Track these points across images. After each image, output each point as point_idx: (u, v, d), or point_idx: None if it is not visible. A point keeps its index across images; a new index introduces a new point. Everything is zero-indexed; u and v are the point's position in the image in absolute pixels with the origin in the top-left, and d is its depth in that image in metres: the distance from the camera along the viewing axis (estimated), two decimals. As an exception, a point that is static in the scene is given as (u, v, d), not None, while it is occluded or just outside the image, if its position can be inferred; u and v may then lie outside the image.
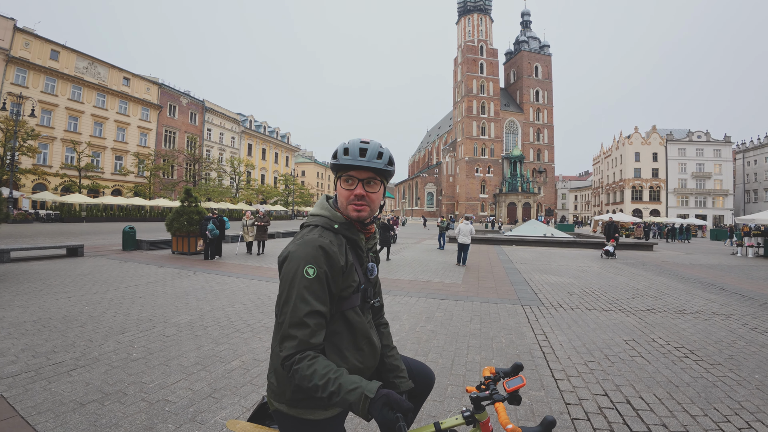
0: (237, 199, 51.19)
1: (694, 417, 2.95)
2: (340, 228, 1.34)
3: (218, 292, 7.05)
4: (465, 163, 73.98)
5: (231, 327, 4.91)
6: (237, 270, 9.72)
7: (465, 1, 79.00)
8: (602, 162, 77.25)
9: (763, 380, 3.68)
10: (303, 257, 1.24)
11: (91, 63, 39.06)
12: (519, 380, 1.50)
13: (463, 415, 1.43)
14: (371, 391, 1.12)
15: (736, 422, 2.89)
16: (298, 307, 1.20)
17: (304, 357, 1.17)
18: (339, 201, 1.38)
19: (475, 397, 1.45)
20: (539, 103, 78.80)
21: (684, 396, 3.31)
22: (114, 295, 6.54)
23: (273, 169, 67.17)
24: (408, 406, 1.12)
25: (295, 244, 1.29)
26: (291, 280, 1.23)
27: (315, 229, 1.33)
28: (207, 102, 52.83)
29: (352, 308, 1.36)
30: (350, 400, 1.11)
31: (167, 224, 12.68)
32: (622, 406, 3.12)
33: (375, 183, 1.36)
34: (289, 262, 1.26)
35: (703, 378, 3.71)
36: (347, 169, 1.34)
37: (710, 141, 63.39)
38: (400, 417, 1.10)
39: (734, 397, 3.31)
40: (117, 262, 10.41)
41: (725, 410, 3.08)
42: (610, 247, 15.23)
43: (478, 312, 6.10)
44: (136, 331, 4.65)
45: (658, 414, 2.98)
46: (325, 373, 1.14)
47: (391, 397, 1.11)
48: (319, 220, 1.36)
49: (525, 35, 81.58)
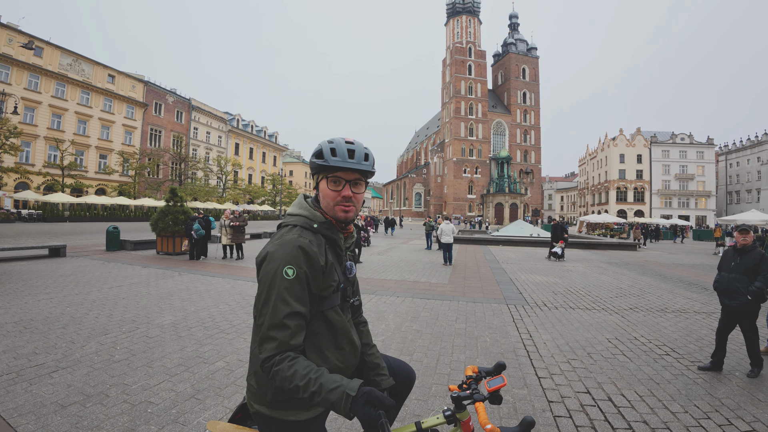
0: (224, 199, 50.58)
1: (674, 414, 3.02)
2: (319, 227, 1.33)
3: (203, 292, 6.98)
4: (453, 163, 74.34)
5: (215, 328, 4.87)
6: (222, 270, 9.62)
7: (454, 3, 79.30)
8: (588, 163, 78.38)
9: (743, 378, 3.78)
10: (282, 258, 1.22)
11: (76, 60, 38.17)
12: (500, 380, 1.51)
13: (444, 415, 1.43)
14: (353, 389, 1.11)
15: (716, 419, 2.96)
16: (278, 308, 1.18)
17: (284, 358, 1.15)
18: (323, 201, 1.36)
19: (456, 397, 1.45)
20: (526, 105, 79.59)
21: (665, 393, 3.37)
22: (96, 296, 6.44)
23: (260, 169, 66.56)
24: (390, 402, 1.12)
25: (274, 245, 1.27)
26: (270, 281, 1.21)
27: (294, 229, 1.30)
28: (194, 100, 52.08)
29: (332, 308, 1.34)
30: (332, 399, 1.10)
31: (152, 224, 12.49)
32: (604, 403, 3.17)
33: (360, 184, 1.37)
34: (268, 263, 1.24)
35: (683, 375, 3.80)
36: (335, 170, 1.32)
37: (693, 143, 64.62)
38: (382, 414, 1.10)
39: (714, 395, 3.39)
40: (100, 263, 10.24)
41: (705, 407, 3.14)
42: (558, 249, 14.49)
43: (463, 311, 6.15)
44: (119, 332, 4.58)
45: (639, 411, 3.04)
46: (305, 374, 1.13)
47: (372, 395, 1.11)
48: (298, 220, 1.34)
49: (513, 37, 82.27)
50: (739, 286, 3.88)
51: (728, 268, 4.07)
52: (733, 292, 3.92)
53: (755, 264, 3.87)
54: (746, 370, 3.93)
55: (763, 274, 3.81)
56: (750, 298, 3.78)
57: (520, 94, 79.32)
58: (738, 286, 3.89)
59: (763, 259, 3.86)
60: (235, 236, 12.19)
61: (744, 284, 3.85)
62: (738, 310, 3.91)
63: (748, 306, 3.83)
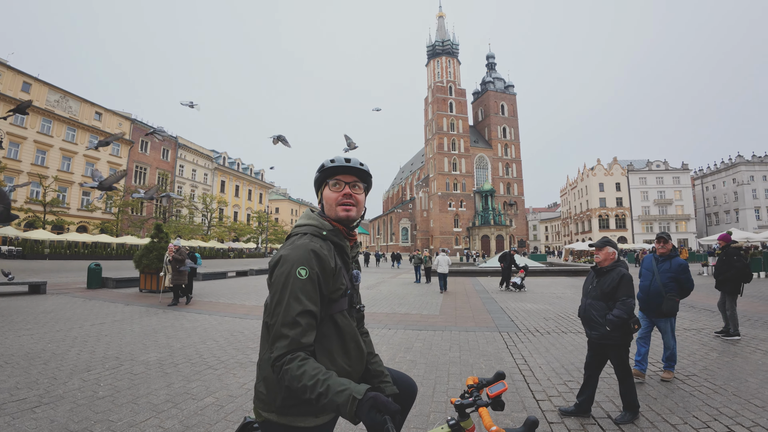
0: (208, 236, 49.94)
1: (674, 426, 3.02)
2: (328, 234, 1.39)
3: (189, 329, 6.77)
4: (438, 198, 75.39)
5: (203, 364, 4.71)
6: (208, 307, 9.39)
7: (434, 45, 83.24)
8: (569, 193, 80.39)
9: (739, 387, 3.81)
10: (295, 259, 1.27)
11: (63, 97, 38.31)
12: (501, 385, 1.52)
13: (448, 424, 1.43)
14: (359, 392, 1.12)
15: (716, 427, 2.98)
16: (291, 306, 1.22)
17: (295, 358, 1.17)
18: (327, 206, 1.45)
19: (459, 405, 1.46)
20: (507, 140, 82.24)
21: (663, 407, 3.38)
22: (78, 333, 6.25)
23: (246, 206, 66.34)
24: (395, 408, 1.12)
25: (287, 249, 1.32)
26: (284, 281, 1.25)
27: (305, 236, 1.36)
28: (180, 138, 52.40)
29: (341, 312, 1.38)
30: (338, 402, 1.11)
31: (136, 261, 12.21)
32: (603, 420, 3.15)
33: (359, 187, 1.47)
34: (281, 264, 1.28)
35: (680, 389, 3.81)
36: (335, 174, 1.43)
37: (669, 169, 67.11)
38: (388, 419, 1.10)
39: (712, 404, 3.41)
40: (81, 300, 9.95)
41: (704, 417, 3.17)
42: (517, 279, 13.81)
43: (457, 340, 6.09)
44: (102, 369, 4.40)
45: (639, 426, 3.03)
46: (314, 374, 1.14)
47: (378, 400, 1.11)
48: (308, 228, 1.39)
49: (491, 76, 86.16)
50: (595, 314, 3.20)
51: (586, 292, 3.42)
52: (591, 321, 3.24)
53: (612, 287, 3.16)
54: (741, 380, 3.95)
55: (621, 299, 3.11)
56: (609, 329, 3.09)
57: (500, 129, 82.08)
58: (594, 314, 3.21)
59: (622, 281, 3.14)
60: (174, 276, 9.95)
61: (601, 312, 3.18)
62: (600, 342, 3.21)
63: (609, 338, 3.13)
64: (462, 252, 66.35)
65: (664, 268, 4.14)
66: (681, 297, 4.09)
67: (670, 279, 4.05)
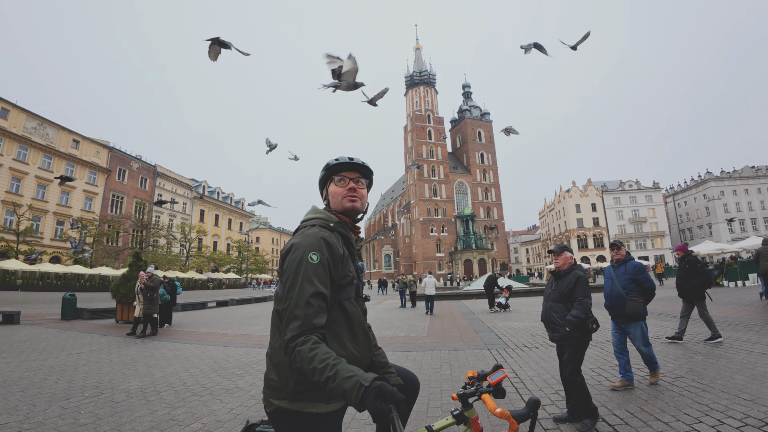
0: (187, 267, 48.61)
1: (667, 423, 3.08)
2: (335, 226, 1.46)
3: (170, 358, 6.54)
4: (420, 223, 75.96)
5: (188, 391, 4.55)
6: (189, 337, 9.08)
7: (412, 76, 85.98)
8: (547, 215, 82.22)
9: (726, 384, 3.92)
10: (307, 246, 1.34)
11: (41, 124, 37.30)
12: (500, 373, 1.59)
13: (452, 415, 1.49)
14: (366, 380, 1.14)
15: (708, 422, 3.06)
16: (304, 288, 1.27)
17: (308, 340, 1.21)
18: (333, 200, 1.54)
19: (462, 395, 1.52)
20: (485, 165, 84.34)
21: (654, 407, 3.44)
22: (55, 362, 6.03)
23: (226, 236, 65.15)
24: (400, 397, 1.14)
25: (298, 237, 1.40)
26: (296, 266, 1.31)
27: (313, 227, 1.42)
28: (159, 167, 51.59)
29: (348, 299, 1.44)
30: (345, 387, 1.13)
31: (113, 290, 11.78)
32: (600, 424, 3.17)
33: (362, 182, 1.57)
34: (293, 252, 1.35)
35: (669, 390, 3.89)
36: (339, 170, 1.53)
37: (641, 188, 69.63)
38: (393, 408, 1.11)
39: (702, 402, 3.50)
40: (56, 331, 9.61)
41: (696, 413, 3.24)
42: (502, 299, 13.90)
43: (447, 359, 6.07)
44: (82, 397, 4.22)
45: (634, 426, 3.08)
46: (324, 358, 1.17)
47: (384, 389, 1.13)
48: (316, 221, 1.46)
49: (467, 104, 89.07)
50: (555, 316, 3.35)
51: (546, 296, 3.57)
52: (552, 323, 3.38)
53: (569, 289, 3.31)
54: (728, 377, 4.04)
55: (578, 300, 3.25)
56: (568, 330, 3.22)
57: (478, 155, 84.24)
58: (554, 315, 3.36)
59: (578, 283, 3.30)
60: (145, 305, 9.37)
61: (560, 313, 3.32)
62: (561, 344, 3.37)
63: (569, 339, 3.26)
64: (445, 277, 66.50)
65: (620, 272, 4.24)
66: (645, 299, 4.09)
67: (628, 281, 4.12)
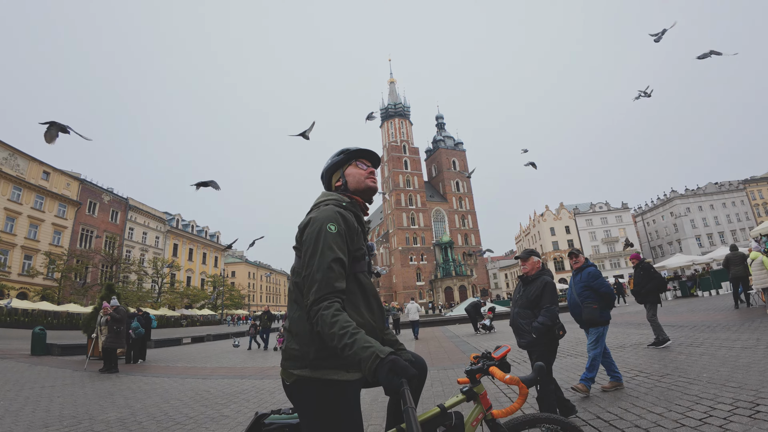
0: (159, 303, 46.60)
1: (660, 415, 3.14)
2: (348, 205, 1.56)
3: (148, 391, 6.23)
4: (399, 252, 76.00)
5: (170, 420, 4.33)
6: (165, 371, 8.68)
7: (387, 109, 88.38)
8: (523, 240, 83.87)
9: (712, 376, 4.04)
10: (325, 218, 1.42)
11: (12, 154, 35.73)
12: (504, 348, 1.67)
13: (462, 392, 1.57)
14: (383, 352, 1.17)
15: (699, 409, 3.13)
16: (325, 254, 1.34)
17: (332, 306, 1.27)
18: (353, 179, 1.66)
19: (469, 371, 1.61)
20: (461, 193, 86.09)
21: (646, 402, 3.50)
22: (29, 393, 5.75)
23: (200, 270, 63.15)
24: (413, 372, 1.16)
25: (315, 212, 1.48)
26: (316, 236, 1.39)
27: (328, 205, 1.51)
28: (131, 200, 50.16)
29: (362, 272, 1.50)
30: (361, 356, 1.16)
31: (84, 324, 11.24)
32: (595, 421, 3.22)
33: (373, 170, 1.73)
34: (312, 224, 1.43)
35: (657, 387, 3.97)
36: (359, 156, 1.69)
37: (611, 209, 72.49)
38: (405, 382, 1.13)
39: (690, 393, 3.59)
40: (27, 365, 9.14)
41: (686, 404, 3.31)
42: (486, 321, 14.39)
43: (437, 378, 6.05)
44: (60, 426, 3.99)
45: (628, 420, 3.12)
46: (345, 326, 1.22)
47: (397, 363, 1.15)
48: (330, 201, 1.55)
49: (441, 135, 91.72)
50: (522, 323, 3.32)
51: (514, 302, 3.54)
52: (519, 329, 3.36)
53: (536, 295, 3.28)
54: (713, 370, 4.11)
55: (545, 307, 3.22)
56: (534, 336, 3.21)
57: (454, 183, 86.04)
58: (522, 322, 3.33)
59: (545, 289, 3.27)
60: (109, 338, 8.71)
61: (528, 320, 3.30)
62: (529, 349, 3.36)
63: (536, 345, 3.24)
64: (426, 305, 66.08)
65: (576, 279, 4.33)
66: (603, 303, 4.09)
67: (583, 288, 4.19)
